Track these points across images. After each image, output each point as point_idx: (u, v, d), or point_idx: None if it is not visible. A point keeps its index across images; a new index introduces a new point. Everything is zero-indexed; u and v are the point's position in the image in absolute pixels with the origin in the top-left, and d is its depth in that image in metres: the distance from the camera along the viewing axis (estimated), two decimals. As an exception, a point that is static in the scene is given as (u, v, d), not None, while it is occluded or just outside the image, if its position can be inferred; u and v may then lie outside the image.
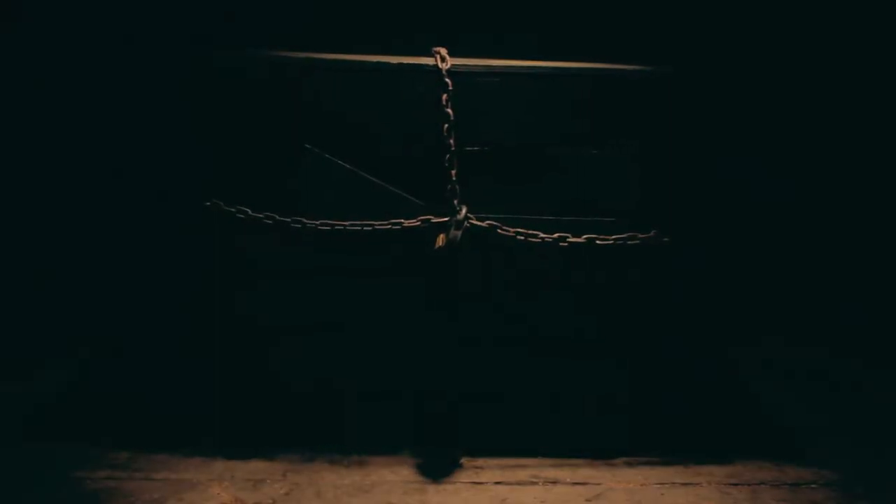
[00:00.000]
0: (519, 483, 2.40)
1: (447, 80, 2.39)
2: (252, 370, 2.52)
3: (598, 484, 2.41)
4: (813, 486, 2.43)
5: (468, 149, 2.45)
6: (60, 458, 2.45)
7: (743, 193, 3.62)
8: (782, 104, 3.61)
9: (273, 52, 2.47)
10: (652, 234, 2.47)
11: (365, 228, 2.41)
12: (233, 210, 2.40)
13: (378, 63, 2.42)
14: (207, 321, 2.52)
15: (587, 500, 2.31)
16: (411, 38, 2.58)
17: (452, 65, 2.41)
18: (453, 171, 2.40)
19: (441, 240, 2.37)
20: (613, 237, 2.45)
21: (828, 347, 3.58)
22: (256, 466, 2.44)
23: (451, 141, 2.39)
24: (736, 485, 2.43)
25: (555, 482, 2.41)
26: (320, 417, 2.56)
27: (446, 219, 2.40)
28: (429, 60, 2.43)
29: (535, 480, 2.42)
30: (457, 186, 2.40)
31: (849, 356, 3.51)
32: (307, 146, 2.42)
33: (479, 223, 2.41)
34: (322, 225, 2.41)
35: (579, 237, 2.43)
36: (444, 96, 2.39)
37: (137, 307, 3.44)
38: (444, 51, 2.43)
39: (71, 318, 3.42)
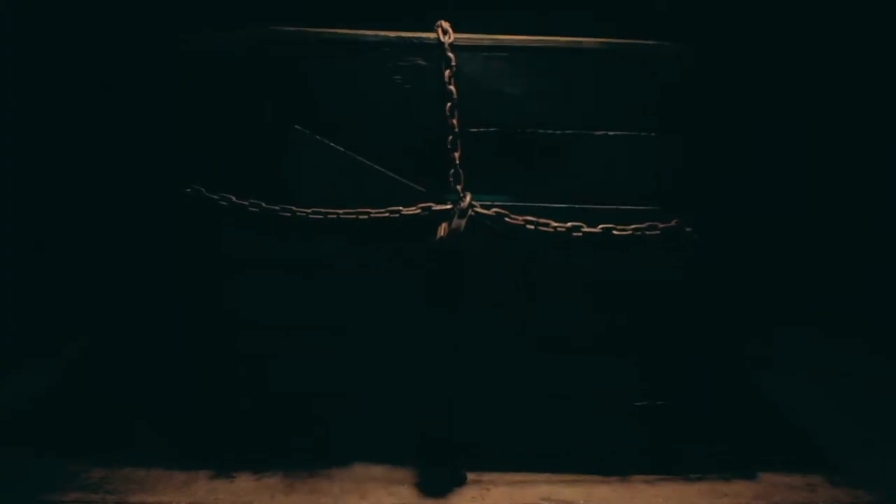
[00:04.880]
0: (529, 504, 2.25)
1: (450, 55, 2.27)
2: (239, 377, 2.40)
3: (615, 505, 2.26)
4: (847, 508, 2.29)
5: (473, 130, 2.32)
6: (29, 476, 2.31)
7: (768, 180, 3.53)
8: (806, 89, 3.50)
9: (259, 25, 2.34)
10: (674, 223, 2.31)
11: (360, 217, 2.28)
12: (215, 197, 2.28)
13: (374, 37, 2.31)
14: (191, 321, 2.40)
15: (602, 525, 2.16)
16: (412, 12, 2.47)
17: (456, 38, 2.29)
18: (457, 155, 2.27)
19: (443, 230, 2.23)
20: (632, 227, 2.30)
21: (858, 345, 3.46)
22: (242, 486, 2.29)
23: (455, 122, 2.27)
24: (764, 507, 2.28)
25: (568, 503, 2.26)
26: (312, 430, 2.44)
27: (449, 206, 2.27)
28: (430, 34, 2.31)
29: (546, 501, 2.26)
30: (460, 171, 2.28)
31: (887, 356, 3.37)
32: (297, 127, 2.30)
33: (484, 211, 2.27)
34: (313, 213, 2.28)
35: (595, 227, 2.29)
36: (447, 73, 2.27)
37: (117, 306, 3.34)
38: (446, 24, 2.30)
39: (46, 318, 3.30)
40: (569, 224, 2.27)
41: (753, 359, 3.28)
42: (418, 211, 2.26)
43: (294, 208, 2.26)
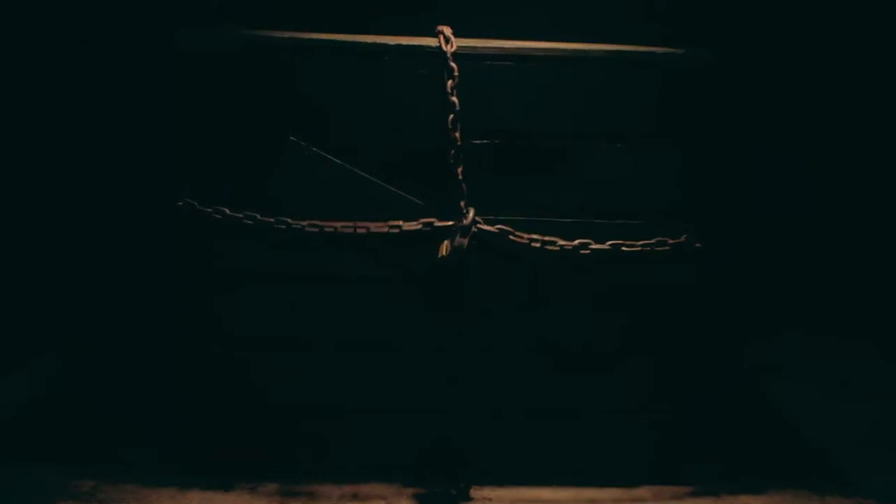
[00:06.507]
0: (532, 517, 2.24)
1: (452, 64, 2.18)
2: (232, 388, 2.35)
3: (620, 518, 2.25)
4: (858, 521, 2.28)
5: (476, 143, 2.26)
6: (17, 486, 2.27)
7: (778, 192, 3.45)
8: (809, 92, 3.41)
9: (251, 30, 2.28)
10: (683, 238, 2.26)
11: (358, 231, 2.22)
12: (208, 210, 2.21)
13: (374, 44, 2.22)
14: (184, 333, 2.35)
15: (607, 537, 2.20)
16: (413, 16, 2.40)
17: (459, 46, 2.20)
18: (459, 169, 2.20)
19: (445, 247, 2.17)
20: (641, 243, 2.25)
21: (869, 350, 3.42)
22: (236, 498, 2.26)
23: (457, 134, 2.19)
24: (773, 519, 2.28)
25: (570, 517, 2.25)
26: (309, 441, 2.40)
27: (451, 223, 2.20)
28: (432, 41, 2.23)
29: (547, 516, 2.25)
30: (463, 186, 2.21)
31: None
32: (292, 138, 2.23)
33: (488, 228, 2.21)
34: (310, 227, 2.21)
35: (603, 244, 2.23)
36: (450, 83, 2.18)
37: (109, 316, 3.28)
38: (448, 30, 2.21)
39: (34, 325, 3.25)
40: (576, 242, 2.21)
41: (761, 365, 3.25)
42: (419, 226, 2.20)
43: (289, 221, 2.20)
